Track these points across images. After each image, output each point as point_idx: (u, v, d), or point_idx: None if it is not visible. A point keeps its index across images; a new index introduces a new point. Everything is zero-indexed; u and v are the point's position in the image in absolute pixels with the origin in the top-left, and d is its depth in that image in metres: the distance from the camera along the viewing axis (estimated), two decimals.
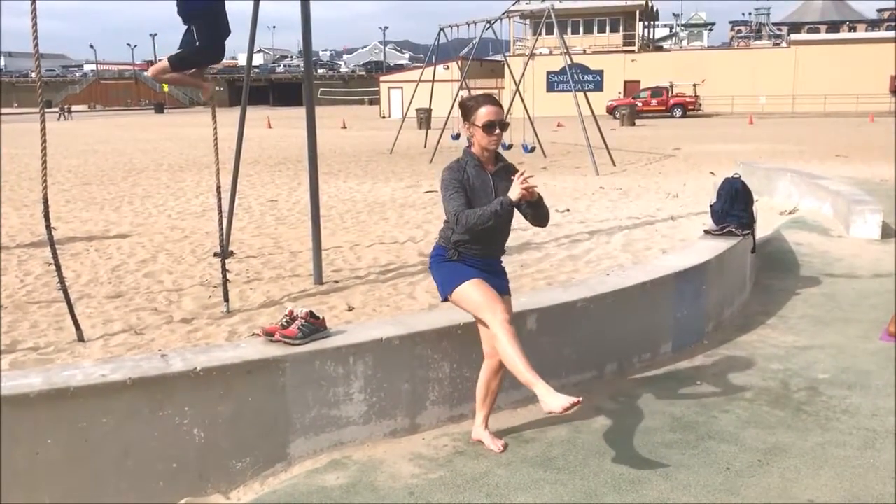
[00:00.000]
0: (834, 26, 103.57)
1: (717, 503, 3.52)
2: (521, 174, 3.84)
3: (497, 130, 3.92)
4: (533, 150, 22.41)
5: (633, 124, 38.48)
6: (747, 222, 6.69)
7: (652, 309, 5.27)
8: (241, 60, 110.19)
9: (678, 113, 47.54)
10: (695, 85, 50.07)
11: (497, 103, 3.99)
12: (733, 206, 6.70)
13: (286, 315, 4.03)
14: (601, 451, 4.02)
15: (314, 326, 3.98)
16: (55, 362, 6.19)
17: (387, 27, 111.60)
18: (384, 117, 58.53)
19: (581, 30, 56.72)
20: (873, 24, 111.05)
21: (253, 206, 14.15)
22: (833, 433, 4.22)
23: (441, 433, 4.24)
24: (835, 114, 46.60)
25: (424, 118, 34.98)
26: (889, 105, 48.43)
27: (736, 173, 7.27)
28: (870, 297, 6.96)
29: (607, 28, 56.14)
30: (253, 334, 6.89)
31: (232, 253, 9.41)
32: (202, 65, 7.70)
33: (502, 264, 4.19)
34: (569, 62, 20.95)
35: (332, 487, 3.68)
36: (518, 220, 4.14)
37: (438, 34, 25.65)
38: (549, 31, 54.03)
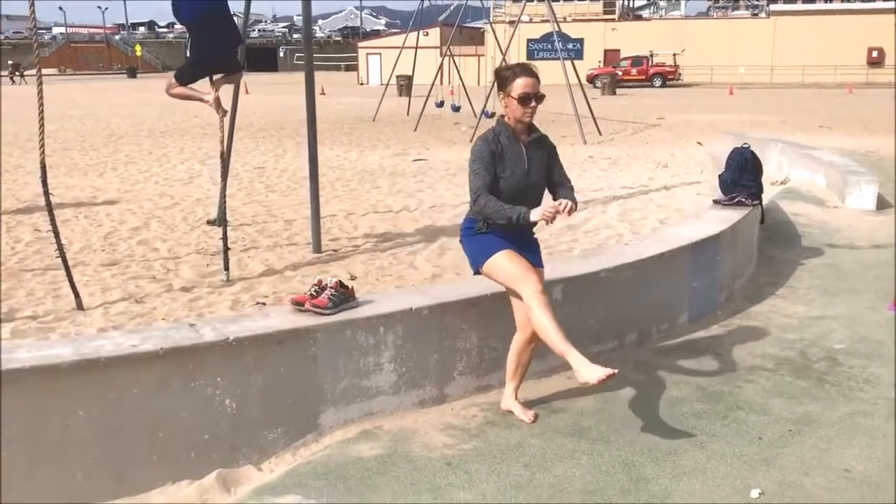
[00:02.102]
0: None
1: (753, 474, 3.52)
2: (566, 207, 3.71)
3: (533, 103, 3.83)
4: None
5: (615, 93, 38.42)
6: (756, 192, 6.68)
7: (670, 279, 5.26)
8: None
9: (658, 82, 47.56)
10: (675, 54, 50.03)
11: (534, 74, 3.87)
12: (742, 176, 6.68)
13: (315, 284, 3.95)
14: (632, 422, 4.00)
15: (344, 296, 3.91)
16: (56, 331, 6.08)
17: None
18: (362, 84, 57.95)
19: None
20: None
21: (241, 172, 13.94)
22: (858, 403, 4.24)
23: (469, 403, 4.21)
24: (813, 85, 46.88)
25: (405, 85, 34.68)
26: (866, 76, 48.80)
27: (745, 143, 7.24)
28: (873, 267, 7.00)
29: None
30: (257, 303, 6.81)
31: (227, 221, 9.27)
32: (205, 76, 7.40)
33: (535, 236, 4.12)
34: (557, 30, 20.78)
35: (368, 458, 3.64)
36: None
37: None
38: None
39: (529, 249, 4.04)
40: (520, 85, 3.81)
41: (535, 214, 3.73)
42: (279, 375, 3.69)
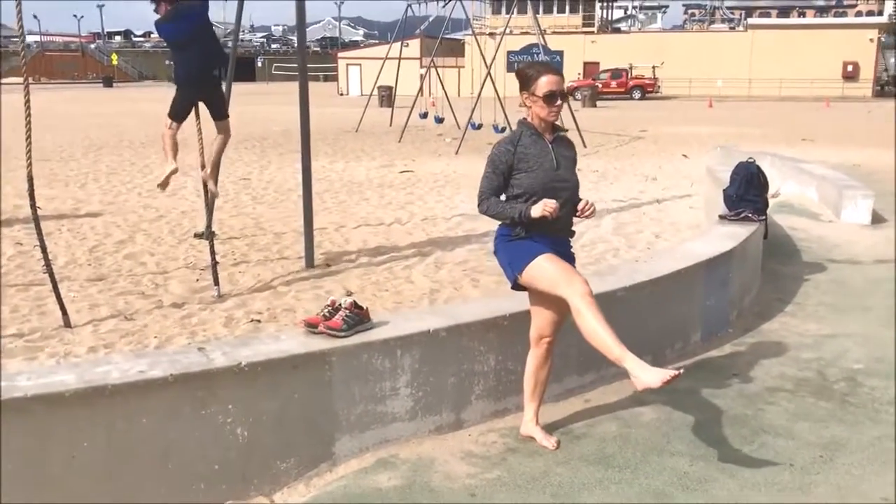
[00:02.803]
0: (784, 11, 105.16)
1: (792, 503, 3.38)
2: (590, 207, 3.72)
3: (558, 101, 3.71)
4: (504, 130, 22.21)
5: (595, 105, 38.51)
6: (762, 208, 6.59)
7: (684, 297, 5.14)
8: None
9: (637, 95, 47.80)
10: (654, 67, 50.33)
11: (558, 72, 3.76)
12: (748, 191, 6.59)
13: (328, 305, 3.78)
14: (658, 448, 3.86)
15: (359, 317, 3.74)
16: (44, 350, 5.85)
17: (342, 2, 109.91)
18: (342, 94, 57.75)
19: (541, 10, 56.50)
20: (822, 11, 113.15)
21: (225, 184, 13.68)
22: (885, 426, 4.13)
23: (487, 429, 4.04)
24: (790, 98, 47.34)
25: (386, 96, 34.52)
26: (841, 90, 49.36)
27: (750, 157, 7.16)
28: (879, 283, 6.93)
29: (567, 9, 56.03)
30: (252, 320, 6.61)
31: (214, 234, 9.06)
32: (190, 102, 7.41)
33: (571, 249, 3.95)
34: (542, 42, 20.74)
35: (387, 489, 3.46)
36: None
37: (406, 10, 25.20)
38: (509, 10, 53.82)
39: (569, 256, 3.88)
40: (545, 83, 3.69)
41: (534, 210, 3.60)
42: (293, 402, 3.50)
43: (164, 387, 3.21)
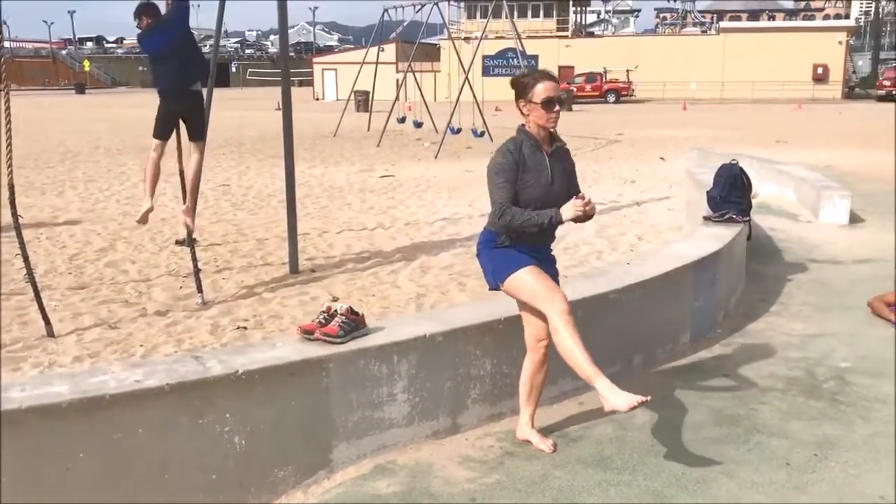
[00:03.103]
0: (754, 14, 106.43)
1: (790, 503, 3.41)
2: (586, 201, 3.63)
3: (557, 107, 3.70)
4: (482, 134, 22.27)
5: (571, 109, 38.65)
6: (745, 209, 6.65)
7: (674, 299, 5.17)
8: None
9: (612, 98, 48.10)
10: (628, 71, 50.69)
11: (555, 78, 3.76)
12: (731, 193, 6.65)
13: (323, 311, 3.75)
14: (654, 449, 3.87)
15: (355, 323, 3.72)
16: (27, 360, 5.77)
17: (317, 7, 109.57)
18: (318, 99, 57.59)
19: (515, 14, 56.74)
20: (791, 14, 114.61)
21: (205, 190, 13.54)
22: (876, 424, 4.18)
23: (483, 433, 4.04)
24: (762, 100, 47.85)
25: (363, 101, 34.46)
26: (812, 92, 49.99)
27: (733, 159, 7.23)
28: (860, 283, 7.01)
29: (541, 13, 56.29)
30: (238, 327, 6.56)
31: (195, 241, 8.99)
32: (171, 116, 7.48)
33: (552, 252, 3.99)
34: (520, 47, 20.82)
35: (387, 495, 3.44)
36: None
37: (382, 15, 25.20)
38: (484, 15, 53.86)
39: (549, 263, 3.92)
40: (543, 89, 3.68)
41: (567, 213, 3.60)
42: (290, 409, 3.48)
43: (161, 396, 3.17)
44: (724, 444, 3.94)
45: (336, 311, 3.73)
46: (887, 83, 47.61)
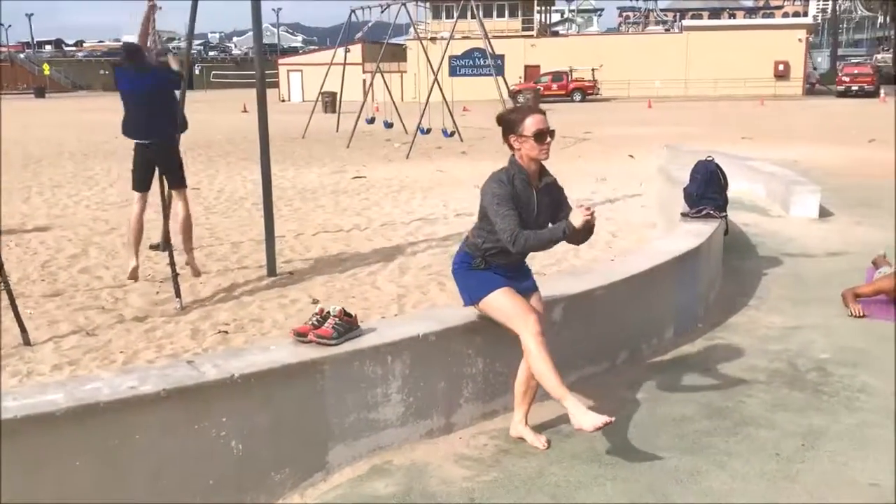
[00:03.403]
0: (715, 13, 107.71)
1: (782, 492, 3.47)
2: (588, 209, 3.66)
3: (548, 139, 3.78)
4: (452, 134, 22.31)
5: (553, 138, 38.83)
6: (722, 205, 6.74)
7: (658, 294, 5.23)
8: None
9: (578, 97, 48.39)
10: (593, 70, 51.03)
11: (541, 111, 3.85)
12: (708, 189, 6.74)
13: (316, 314, 3.74)
14: (647, 443, 3.91)
15: (348, 325, 3.71)
16: (6, 369, 5.69)
17: (280, 9, 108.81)
18: (283, 101, 57.21)
19: (480, 14, 56.85)
20: (750, 12, 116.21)
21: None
22: (860, 413, 4.26)
23: (477, 431, 4.05)
24: (725, 97, 48.44)
25: (330, 102, 34.32)
26: (774, 89, 50.73)
27: (709, 156, 7.32)
28: (834, 275, 7.14)
29: (506, 13, 56.47)
30: (219, 332, 6.51)
31: (171, 245, 8.89)
32: (145, 165, 7.40)
33: (527, 265, 4.11)
34: (490, 48, 20.90)
35: (385, 496, 3.44)
36: None
37: (350, 15, 25.12)
38: (449, 16, 53.83)
39: (525, 276, 4.05)
40: (533, 122, 3.76)
41: (576, 220, 3.63)
42: (286, 412, 3.47)
43: (157, 402, 3.14)
44: (714, 436, 4.00)
45: (329, 312, 3.72)
46: (846, 79, 48.50)
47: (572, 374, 4.58)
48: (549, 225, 3.84)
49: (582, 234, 3.80)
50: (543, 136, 3.75)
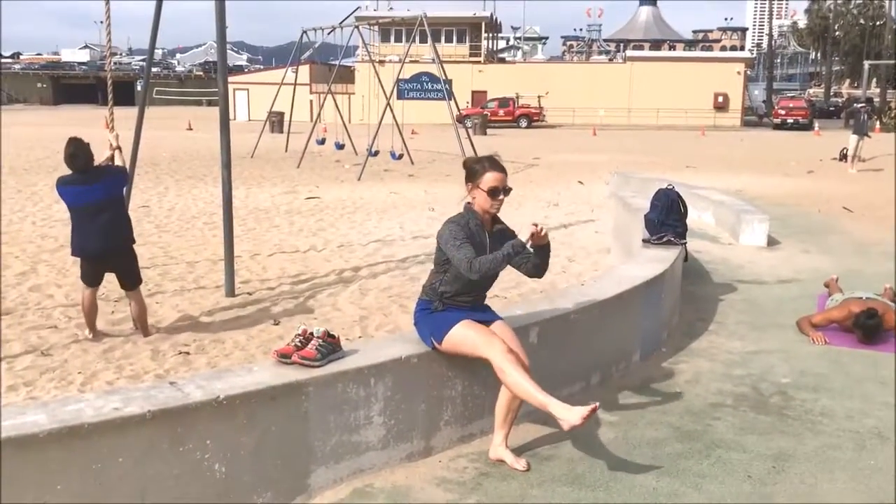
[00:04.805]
0: (656, 44, 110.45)
1: None
2: (535, 224, 3.87)
3: (501, 196, 3.97)
4: (401, 157, 22.37)
5: (485, 133, 39.21)
6: (682, 232, 6.91)
7: (627, 318, 5.32)
8: (66, 56, 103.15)
9: (524, 123, 48.95)
10: (539, 97, 51.77)
11: (503, 169, 4.02)
12: (669, 216, 6.90)
13: (299, 335, 3.72)
14: (624, 466, 3.97)
15: (332, 346, 3.70)
16: None
17: (227, 27, 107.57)
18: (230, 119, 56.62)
19: (429, 39, 57.26)
20: (690, 45, 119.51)
21: None
22: (824, 436, 4.39)
23: (456, 454, 4.06)
24: (667, 127, 49.57)
25: (277, 121, 34.10)
26: (713, 120, 52.11)
27: (670, 184, 7.50)
28: (786, 301, 7.36)
29: (454, 38, 56.99)
30: (180, 353, 6.40)
31: None
32: (94, 269, 6.70)
33: (486, 302, 4.23)
34: (443, 73, 21.08)
35: None
36: None
37: (301, 36, 25.07)
38: (398, 39, 54.12)
39: (485, 311, 4.14)
40: (490, 179, 3.94)
41: (523, 235, 3.84)
42: (269, 434, 3.43)
43: (142, 424, 3.08)
44: (688, 458, 4.07)
45: (312, 334, 3.70)
46: (782, 112, 50.10)
47: (550, 394, 4.63)
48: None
49: (540, 254, 4.00)
50: (497, 192, 3.95)
